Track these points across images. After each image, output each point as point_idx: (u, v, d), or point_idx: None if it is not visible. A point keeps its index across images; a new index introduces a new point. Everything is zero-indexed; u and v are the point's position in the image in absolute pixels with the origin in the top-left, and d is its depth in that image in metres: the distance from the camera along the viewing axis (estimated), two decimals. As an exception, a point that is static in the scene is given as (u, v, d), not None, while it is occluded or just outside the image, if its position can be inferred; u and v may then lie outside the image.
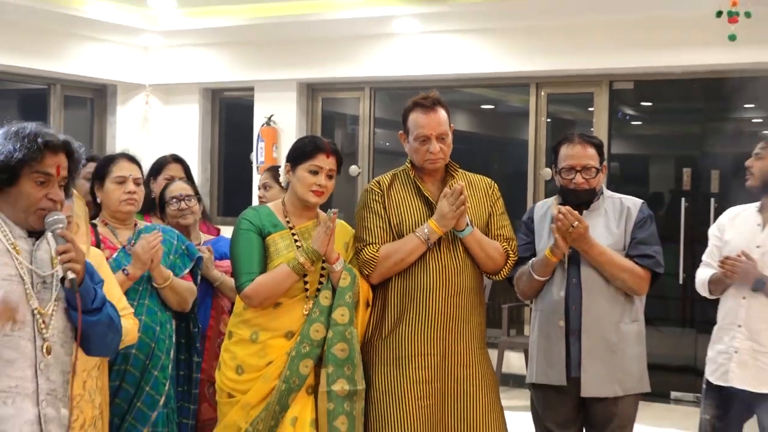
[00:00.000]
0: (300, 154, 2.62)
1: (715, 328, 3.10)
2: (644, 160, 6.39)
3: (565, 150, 2.79)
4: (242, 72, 6.61)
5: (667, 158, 6.32)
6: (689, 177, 5.42)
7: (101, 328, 1.71)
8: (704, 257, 3.11)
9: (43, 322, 1.64)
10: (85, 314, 1.65)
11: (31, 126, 1.71)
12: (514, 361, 5.28)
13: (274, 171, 3.64)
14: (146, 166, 5.06)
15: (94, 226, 2.77)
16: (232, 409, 2.71)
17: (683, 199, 5.20)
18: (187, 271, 2.89)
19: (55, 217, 1.70)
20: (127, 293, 2.54)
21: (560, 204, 2.76)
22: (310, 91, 6.69)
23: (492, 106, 7.13)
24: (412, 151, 2.72)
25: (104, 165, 2.82)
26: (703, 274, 3.06)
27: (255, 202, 5.90)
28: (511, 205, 3.50)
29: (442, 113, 2.70)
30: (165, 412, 2.81)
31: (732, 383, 2.93)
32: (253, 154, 6.55)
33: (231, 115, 7.23)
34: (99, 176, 2.76)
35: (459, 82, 6.09)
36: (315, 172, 2.54)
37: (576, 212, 2.65)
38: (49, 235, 1.69)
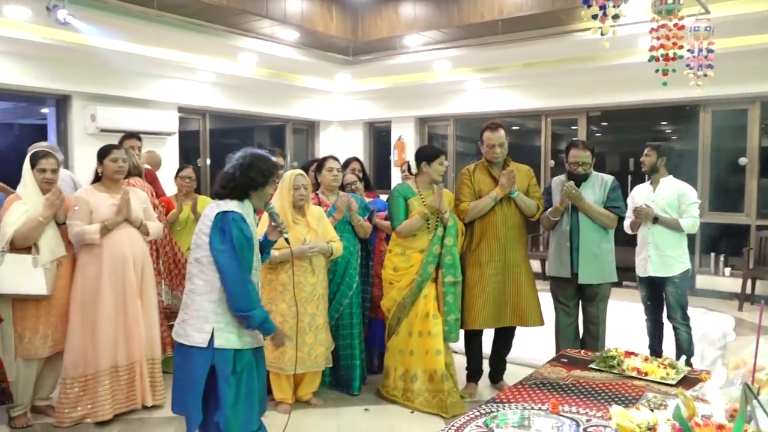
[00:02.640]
0: (431, 155, 3.81)
1: (638, 246, 4.26)
2: (604, 156, 8.58)
3: (573, 151, 3.85)
4: (384, 112, 9.60)
5: (617, 154, 8.87)
6: (632, 165, 8.02)
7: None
8: (627, 213, 4.18)
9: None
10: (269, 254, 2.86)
11: (274, 160, 2.70)
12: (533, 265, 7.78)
13: (407, 166, 4.38)
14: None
15: (317, 194, 4.04)
16: (392, 290, 3.78)
17: (629, 177, 7.74)
18: (365, 217, 3.99)
19: (270, 204, 2.71)
20: (336, 230, 3.78)
21: (568, 180, 3.85)
22: (421, 122, 9.60)
23: (518, 127, 9.33)
24: (485, 152, 3.85)
25: (321, 163, 4.12)
26: (626, 222, 4.27)
27: (394, 179, 9.30)
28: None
29: (501, 131, 3.83)
30: (356, 291, 3.88)
31: (649, 273, 4.14)
32: (391, 156, 9.74)
33: (378, 136, 10.23)
34: (318, 167, 4.11)
35: (501, 114, 8.38)
36: (441, 164, 3.75)
37: (574, 185, 3.76)
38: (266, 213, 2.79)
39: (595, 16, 2.97)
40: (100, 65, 6.77)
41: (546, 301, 4.06)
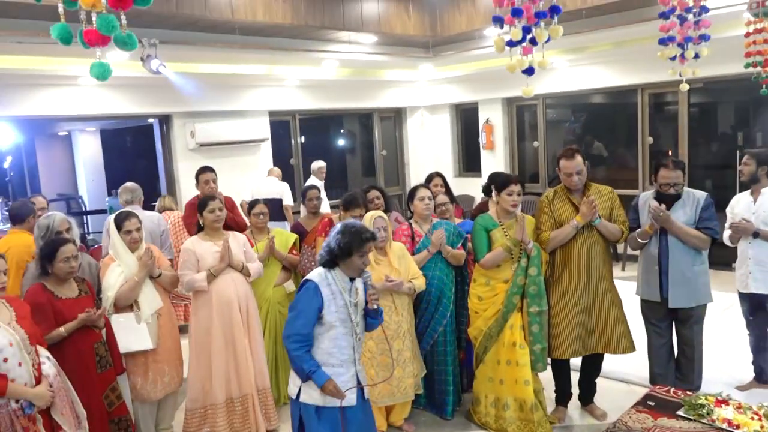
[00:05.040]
0: (501, 184, 3.76)
1: (738, 260, 4.11)
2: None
3: (663, 171, 3.71)
4: (471, 95, 9.55)
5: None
6: (740, 139, 7.63)
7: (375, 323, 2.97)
8: (726, 224, 4.08)
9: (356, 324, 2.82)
10: (375, 319, 2.95)
11: (358, 225, 2.82)
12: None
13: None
14: (426, 155, 8.12)
15: (410, 224, 4.15)
16: (478, 319, 3.82)
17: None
18: (459, 245, 4.05)
19: (367, 274, 2.85)
20: (428, 262, 3.94)
21: (655, 198, 3.68)
22: (508, 102, 9.43)
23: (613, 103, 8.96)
24: (563, 179, 3.76)
25: (412, 192, 4.16)
26: (725, 234, 4.08)
27: (484, 162, 9.33)
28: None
29: (578, 158, 3.67)
30: (450, 320, 3.97)
31: (750, 290, 4.01)
32: (479, 139, 9.70)
33: (466, 119, 10.23)
34: (410, 196, 4.18)
35: (593, 91, 8.38)
36: (510, 194, 3.72)
37: (663, 206, 3.59)
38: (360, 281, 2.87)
39: (673, 58, 2.82)
40: (194, 86, 7.18)
41: (639, 320, 3.99)
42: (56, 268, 3.23)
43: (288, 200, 7.04)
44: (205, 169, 5.28)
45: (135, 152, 10.72)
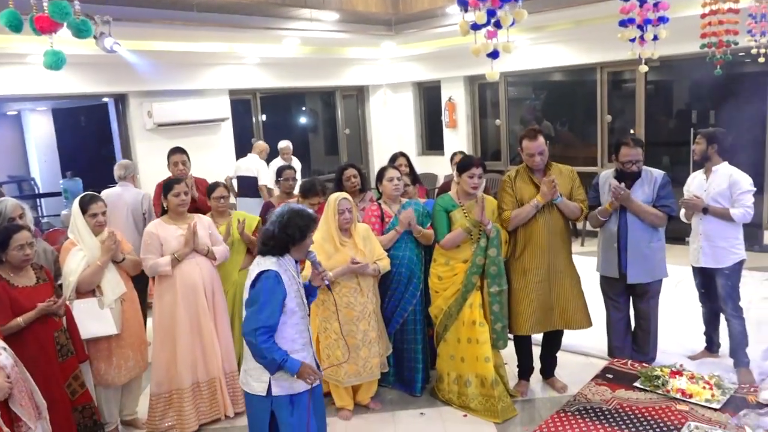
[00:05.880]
0: (463, 166, 3.79)
1: (691, 235, 4.22)
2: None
3: (624, 149, 3.77)
4: (433, 73, 9.48)
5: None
6: (694, 117, 7.88)
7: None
8: (680, 202, 4.10)
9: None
10: (314, 296, 2.98)
11: (298, 207, 2.81)
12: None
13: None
14: (389, 134, 8.12)
15: (379, 205, 4.15)
16: (438, 299, 3.91)
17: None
18: (428, 225, 4.04)
19: (311, 252, 2.87)
20: (398, 242, 3.97)
21: (616, 177, 3.80)
22: (471, 81, 9.45)
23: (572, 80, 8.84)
24: (525, 160, 3.83)
25: (381, 173, 4.19)
26: (681, 212, 4.19)
27: (446, 141, 9.34)
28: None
29: (540, 139, 3.73)
30: (420, 299, 4.05)
31: (700, 264, 4.11)
32: (442, 116, 9.72)
33: (429, 97, 10.18)
34: (379, 177, 4.18)
35: (553, 69, 8.47)
36: (471, 176, 3.74)
37: (623, 185, 3.69)
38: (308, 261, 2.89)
39: (632, 40, 2.87)
40: (151, 65, 6.97)
41: (597, 295, 4.11)
42: (10, 257, 3.15)
43: (264, 180, 7.04)
44: (176, 150, 5.11)
45: (90, 133, 10.36)
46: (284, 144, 7.59)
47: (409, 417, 3.97)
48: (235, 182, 7.27)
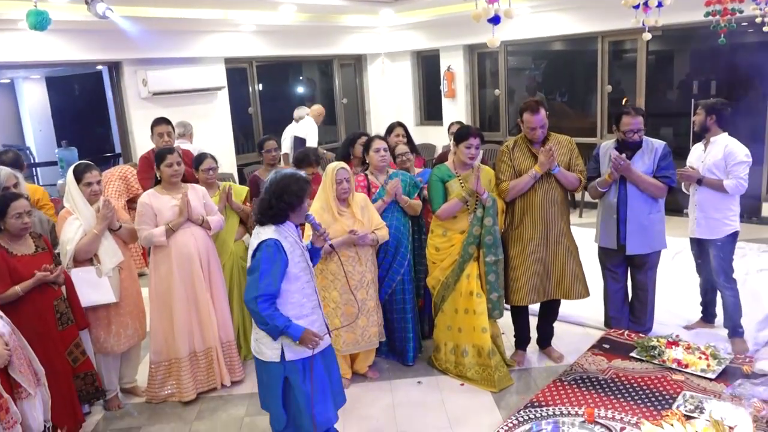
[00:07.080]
0: (458, 136, 3.77)
1: (689, 206, 4.18)
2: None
3: (626, 119, 3.75)
4: (432, 42, 9.36)
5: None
6: (695, 88, 7.78)
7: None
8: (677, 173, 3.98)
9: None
10: (318, 257, 3.04)
11: (290, 172, 2.80)
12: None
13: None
14: (387, 103, 8.03)
15: (366, 175, 4.12)
16: (435, 269, 3.92)
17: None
18: (416, 195, 4.10)
19: (310, 215, 2.89)
20: (385, 211, 3.96)
21: (617, 147, 3.79)
22: (470, 50, 9.31)
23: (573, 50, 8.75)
24: (525, 132, 3.78)
25: (368, 143, 4.18)
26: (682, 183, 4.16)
27: (445, 111, 9.32)
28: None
29: (542, 112, 3.68)
30: (408, 269, 4.03)
31: (695, 235, 4.12)
32: (441, 86, 9.59)
33: (427, 66, 10.09)
34: (366, 147, 4.16)
35: (554, 38, 8.36)
36: (468, 147, 3.73)
37: (624, 155, 3.69)
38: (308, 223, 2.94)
39: (636, 6, 2.81)
40: (145, 32, 6.85)
41: (594, 266, 4.10)
42: (8, 225, 3.13)
43: (312, 141, 7.26)
44: (160, 121, 5.05)
45: (85, 101, 10.23)
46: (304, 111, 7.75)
47: (407, 386, 4.00)
48: (290, 151, 7.38)
